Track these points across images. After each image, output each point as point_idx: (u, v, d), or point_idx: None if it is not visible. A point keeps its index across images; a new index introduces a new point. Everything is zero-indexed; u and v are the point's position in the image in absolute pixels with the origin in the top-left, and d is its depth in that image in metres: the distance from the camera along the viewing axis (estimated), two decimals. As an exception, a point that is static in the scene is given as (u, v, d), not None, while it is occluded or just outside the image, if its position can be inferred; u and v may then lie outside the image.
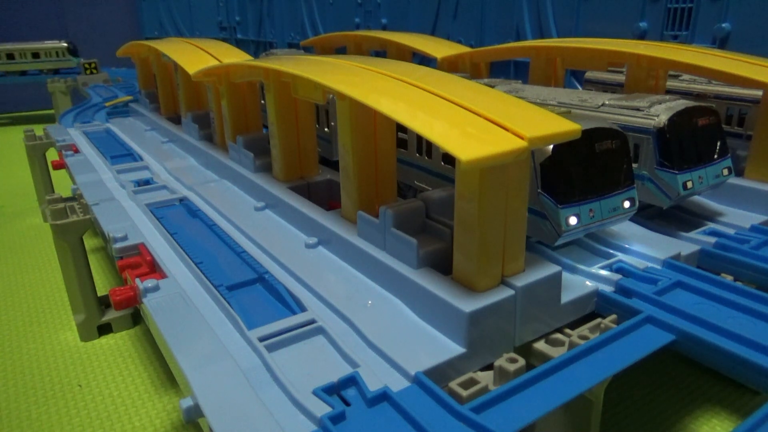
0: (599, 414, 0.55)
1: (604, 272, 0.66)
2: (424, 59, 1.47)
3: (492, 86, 0.70)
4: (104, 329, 1.01)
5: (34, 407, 0.83)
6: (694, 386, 0.80)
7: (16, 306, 1.13)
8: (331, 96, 0.81)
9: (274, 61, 0.86)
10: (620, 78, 1.12)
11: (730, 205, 0.85)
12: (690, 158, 0.74)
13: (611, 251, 0.71)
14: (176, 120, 1.38)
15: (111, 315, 1.01)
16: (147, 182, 1.02)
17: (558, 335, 0.59)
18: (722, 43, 1.19)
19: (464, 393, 0.49)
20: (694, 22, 1.23)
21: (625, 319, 0.58)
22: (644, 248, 0.70)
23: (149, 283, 0.65)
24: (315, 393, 0.48)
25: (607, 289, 0.63)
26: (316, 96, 0.74)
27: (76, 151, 1.27)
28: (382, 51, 1.61)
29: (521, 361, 0.52)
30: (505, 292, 0.55)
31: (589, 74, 1.24)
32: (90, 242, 1.39)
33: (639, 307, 0.59)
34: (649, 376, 0.82)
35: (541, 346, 0.58)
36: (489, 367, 0.54)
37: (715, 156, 0.77)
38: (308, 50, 1.85)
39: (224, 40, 2.57)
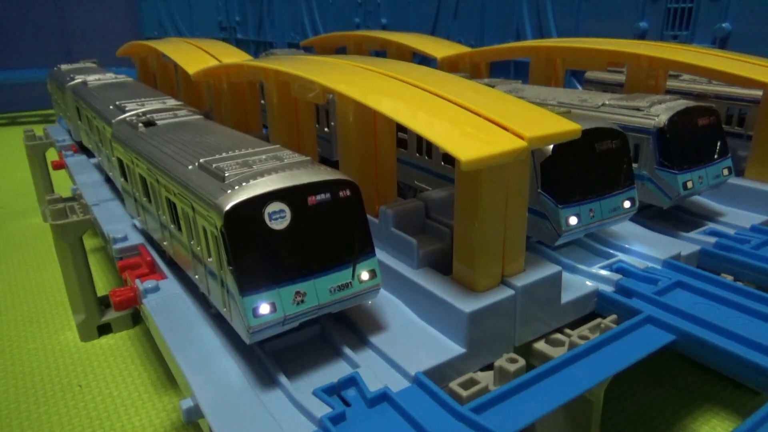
0: (599, 414, 0.55)
1: (604, 272, 0.66)
2: (424, 59, 1.47)
3: (492, 86, 0.70)
4: (104, 329, 1.01)
5: (34, 407, 0.83)
6: (694, 386, 0.80)
7: (16, 306, 1.12)
8: (331, 96, 0.81)
9: (274, 61, 0.86)
10: (620, 78, 1.12)
11: (730, 205, 0.85)
12: (690, 158, 0.74)
13: (611, 251, 0.71)
14: (176, 120, 1.38)
15: (111, 315, 1.01)
16: (147, 182, 1.02)
17: (558, 335, 0.59)
18: (722, 43, 1.19)
19: (464, 393, 0.49)
20: (694, 22, 1.23)
21: (626, 319, 0.58)
22: (644, 248, 0.70)
23: (149, 283, 0.65)
24: (315, 393, 0.48)
25: (607, 289, 0.63)
26: (316, 96, 0.74)
27: (76, 151, 1.27)
28: (382, 51, 1.61)
29: (521, 361, 0.52)
30: (505, 292, 0.55)
31: (589, 74, 1.24)
32: (90, 242, 1.39)
33: (639, 307, 0.59)
34: (649, 376, 0.82)
35: (541, 346, 0.58)
36: (489, 367, 0.54)
37: (715, 156, 0.77)
38: (308, 50, 1.85)
39: (224, 40, 2.57)
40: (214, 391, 0.48)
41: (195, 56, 1.17)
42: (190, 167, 0.56)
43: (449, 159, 0.79)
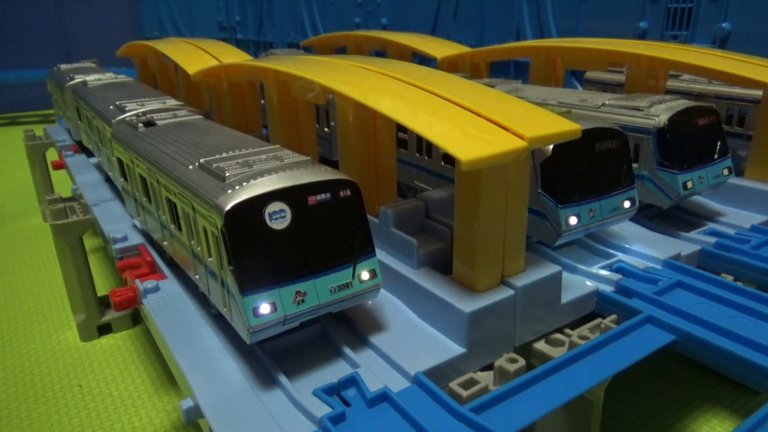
0: (599, 414, 0.55)
1: (604, 272, 0.66)
2: (424, 59, 1.47)
3: (492, 86, 0.70)
4: (104, 329, 1.01)
5: (34, 407, 0.83)
6: (694, 386, 0.80)
7: (16, 306, 1.12)
8: (331, 96, 0.81)
9: (274, 61, 0.86)
10: (620, 78, 1.12)
11: (730, 205, 0.85)
12: (690, 158, 0.74)
13: (611, 251, 0.71)
14: (176, 120, 1.37)
15: (111, 315, 1.01)
16: (147, 182, 1.02)
17: (558, 335, 0.59)
18: (722, 43, 1.19)
19: (464, 393, 0.49)
20: (694, 22, 1.23)
21: (626, 319, 0.58)
22: (644, 248, 0.70)
23: (149, 283, 0.65)
24: (315, 393, 0.48)
25: (607, 289, 0.63)
26: (316, 96, 0.74)
27: (76, 151, 1.27)
28: (382, 51, 1.61)
29: (521, 361, 0.52)
30: (505, 292, 0.55)
31: (589, 74, 1.24)
32: (90, 242, 1.39)
33: (639, 307, 0.59)
34: (649, 376, 0.82)
35: (541, 346, 0.58)
36: (489, 367, 0.54)
37: (715, 156, 0.77)
38: (308, 50, 1.85)
39: (224, 40, 2.57)
40: (214, 391, 0.48)
41: (195, 56, 1.17)
42: (190, 167, 0.56)
43: (449, 159, 0.79)
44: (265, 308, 0.46)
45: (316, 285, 0.49)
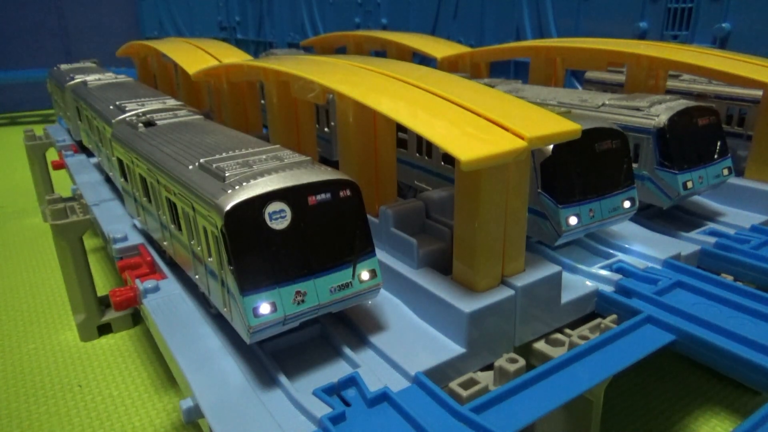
0: (599, 414, 0.55)
1: (604, 272, 0.66)
2: (424, 59, 1.47)
3: (492, 86, 0.70)
4: (104, 329, 1.01)
5: (34, 407, 0.83)
6: (694, 386, 0.80)
7: (16, 306, 1.12)
8: (331, 96, 0.81)
9: (274, 61, 0.86)
10: (620, 78, 1.12)
11: (730, 205, 0.85)
12: (690, 158, 0.74)
13: (611, 251, 0.71)
14: (176, 120, 1.37)
15: (111, 315, 1.01)
16: (147, 182, 1.01)
17: (558, 335, 0.59)
18: (722, 43, 1.19)
19: (464, 393, 0.49)
20: (694, 22, 1.23)
21: (625, 319, 0.58)
22: (644, 248, 0.70)
23: (149, 283, 0.65)
24: (315, 393, 0.48)
25: (607, 289, 0.63)
26: (316, 96, 0.74)
27: (76, 151, 1.27)
28: (382, 51, 1.61)
29: (521, 361, 0.52)
30: (505, 292, 0.55)
31: (589, 74, 1.24)
32: (90, 242, 1.39)
33: (639, 307, 0.59)
34: (649, 375, 0.82)
35: (541, 346, 0.58)
36: (489, 367, 0.54)
37: (715, 156, 0.77)
38: (308, 50, 1.85)
39: (224, 40, 2.57)
40: (214, 391, 0.48)
41: (195, 56, 1.17)
42: (190, 167, 0.56)
43: (449, 159, 0.79)
44: (265, 308, 0.46)
45: (316, 285, 0.49)
